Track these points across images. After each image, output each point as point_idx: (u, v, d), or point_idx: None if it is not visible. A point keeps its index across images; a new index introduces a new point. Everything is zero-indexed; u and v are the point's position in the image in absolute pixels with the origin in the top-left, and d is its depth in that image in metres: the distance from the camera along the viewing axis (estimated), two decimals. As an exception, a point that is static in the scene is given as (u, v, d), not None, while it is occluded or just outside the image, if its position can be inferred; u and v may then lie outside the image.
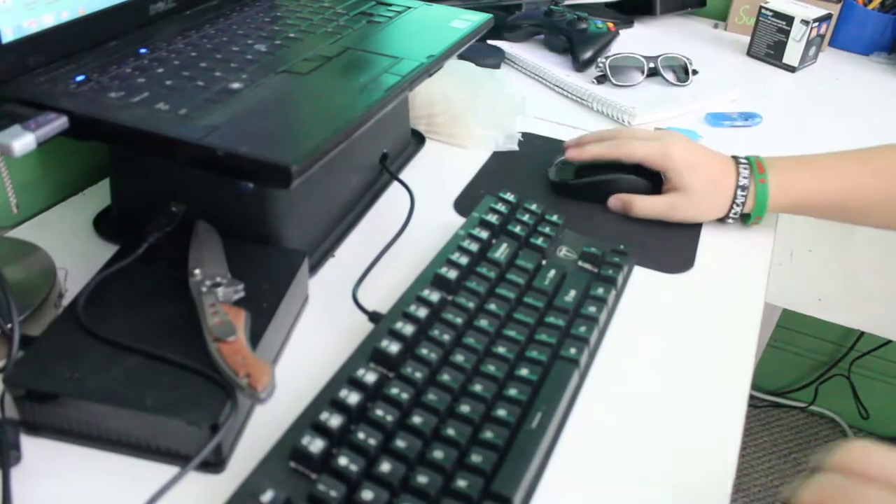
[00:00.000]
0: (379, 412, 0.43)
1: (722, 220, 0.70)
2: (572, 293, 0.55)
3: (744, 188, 0.68)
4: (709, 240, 0.70)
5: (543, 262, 0.59)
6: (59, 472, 0.43)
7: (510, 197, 0.65)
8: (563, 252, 0.61)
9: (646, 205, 0.69)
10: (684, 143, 0.69)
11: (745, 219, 0.70)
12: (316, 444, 0.40)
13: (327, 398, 0.44)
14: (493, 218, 0.61)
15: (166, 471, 0.42)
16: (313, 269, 0.60)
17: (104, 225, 0.62)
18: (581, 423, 0.50)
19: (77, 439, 0.44)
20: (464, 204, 0.71)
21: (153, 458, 0.44)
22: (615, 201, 0.71)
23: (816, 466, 0.37)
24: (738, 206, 0.68)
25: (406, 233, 0.64)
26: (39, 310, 0.51)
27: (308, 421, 0.42)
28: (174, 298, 0.49)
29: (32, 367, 0.43)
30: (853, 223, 0.73)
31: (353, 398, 0.43)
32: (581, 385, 0.52)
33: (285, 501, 0.38)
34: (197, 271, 0.50)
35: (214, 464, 0.44)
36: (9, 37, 0.49)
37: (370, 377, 0.45)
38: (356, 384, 0.45)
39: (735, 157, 0.70)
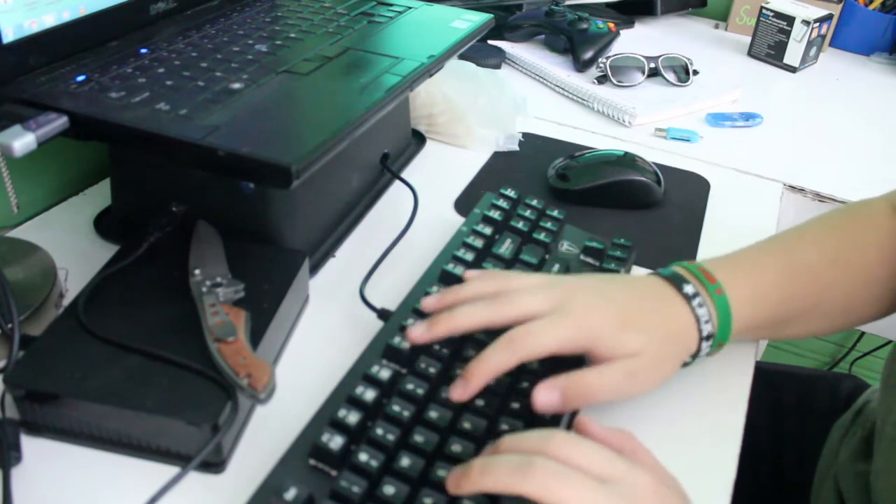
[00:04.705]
0: (395, 408, 0.43)
1: (685, 365, 0.51)
2: None
3: (701, 305, 0.48)
4: (709, 240, 0.70)
5: (547, 256, 0.60)
6: (59, 472, 0.43)
7: (511, 193, 0.65)
8: (564, 246, 0.61)
9: (602, 382, 0.45)
10: (590, 287, 0.48)
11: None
12: (335, 441, 0.40)
13: (343, 395, 0.44)
14: (495, 214, 0.62)
15: (166, 471, 0.42)
16: (314, 269, 0.60)
17: (104, 225, 0.62)
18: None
19: (77, 439, 0.44)
20: (464, 204, 0.71)
21: (153, 458, 0.44)
22: (545, 395, 0.43)
23: (509, 447, 0.37)
24: (705, 333, 0.49)
25: (407, 233, 0.64)
26: (40, 310, 0.51)
27: (326, 419, 0.42)
28: (174, 298, 0.49)
29: (33, 367, 0.43)
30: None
31: (369, 395, 0.43)
32: None
33: (308, 498, 0.38)
34: (197, 271, 0.50)
35: (215, 464, 0.44)
36: (10, 37, 0.49)
37: (384, 373, 0.45)
38: (371, 381, 0.45)
39: (659, 274, 0.51)
